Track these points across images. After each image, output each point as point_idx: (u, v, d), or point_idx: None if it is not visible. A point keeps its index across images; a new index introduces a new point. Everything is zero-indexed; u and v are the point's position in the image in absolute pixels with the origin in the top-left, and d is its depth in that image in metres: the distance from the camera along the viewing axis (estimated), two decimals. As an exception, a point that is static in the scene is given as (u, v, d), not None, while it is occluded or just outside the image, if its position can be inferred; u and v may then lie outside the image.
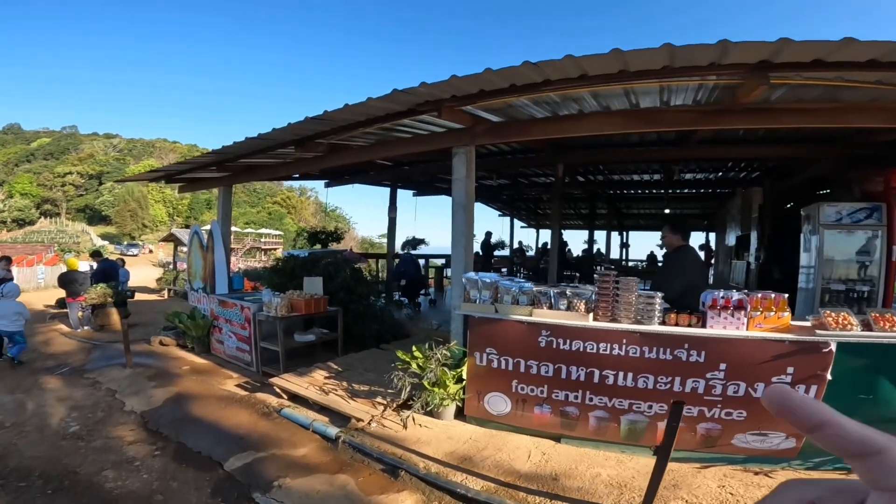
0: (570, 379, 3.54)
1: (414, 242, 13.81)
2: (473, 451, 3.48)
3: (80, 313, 8.66)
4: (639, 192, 11.38)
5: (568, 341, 3.54)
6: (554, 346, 3.58)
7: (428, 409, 3.98)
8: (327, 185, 10.63)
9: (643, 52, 2.74)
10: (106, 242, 43.59)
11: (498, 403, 3.85)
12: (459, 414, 4.07)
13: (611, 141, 6.50)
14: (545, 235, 19.41)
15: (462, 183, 4.27)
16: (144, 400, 4.68)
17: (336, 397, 4.28)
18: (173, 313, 7.14)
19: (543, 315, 3.68)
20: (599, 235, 18.01)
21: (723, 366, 3.17)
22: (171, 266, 19.07)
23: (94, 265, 10.27)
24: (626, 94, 3.56)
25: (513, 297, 3.87)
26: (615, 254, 16.84)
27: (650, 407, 3.37)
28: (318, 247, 10.95)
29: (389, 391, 4.41)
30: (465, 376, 3.97)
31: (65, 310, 9.26)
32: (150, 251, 40.03)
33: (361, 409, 4.07)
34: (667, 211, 14.65)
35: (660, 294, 3.44)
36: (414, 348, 4.23)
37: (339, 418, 4.07)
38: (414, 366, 4.09)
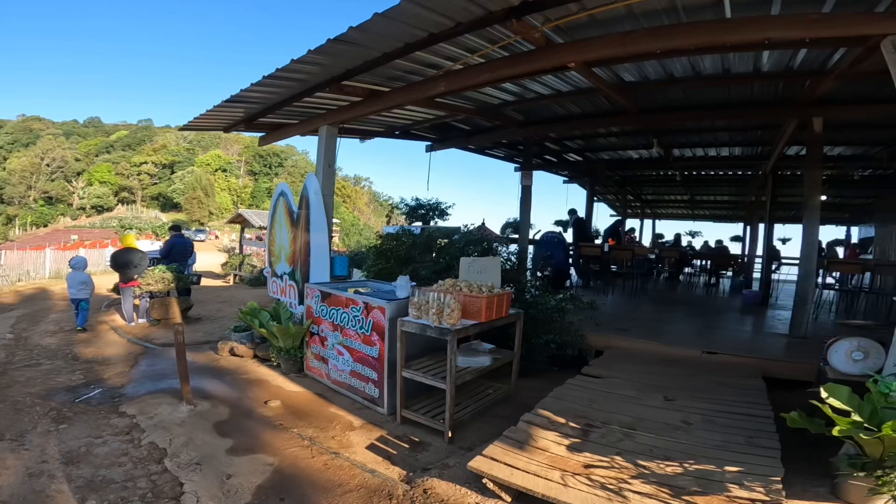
0: None
1: (515, 225, 11.61)
2: None
3: (135, 300, 6.83)
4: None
5: None
6: None
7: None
8: (429, 149, 8.48)
9: None
10: (175, 228, 44.52)
11: None
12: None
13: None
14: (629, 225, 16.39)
15: None
16: (217, 484, 2.39)
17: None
18: (249, 310, 4.95)
19: None
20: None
21: None
22: (236, 250, 17.79)
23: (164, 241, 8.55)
24: None
25: None
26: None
27: None
28: (418, 224, 8.75)
29: (708, 467, 1.96)
30: None
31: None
32: (216, 237, 40.24)
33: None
34: (823, 198, 11.44)
35: None
36: (823, 391, 1.71)
37: None
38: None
